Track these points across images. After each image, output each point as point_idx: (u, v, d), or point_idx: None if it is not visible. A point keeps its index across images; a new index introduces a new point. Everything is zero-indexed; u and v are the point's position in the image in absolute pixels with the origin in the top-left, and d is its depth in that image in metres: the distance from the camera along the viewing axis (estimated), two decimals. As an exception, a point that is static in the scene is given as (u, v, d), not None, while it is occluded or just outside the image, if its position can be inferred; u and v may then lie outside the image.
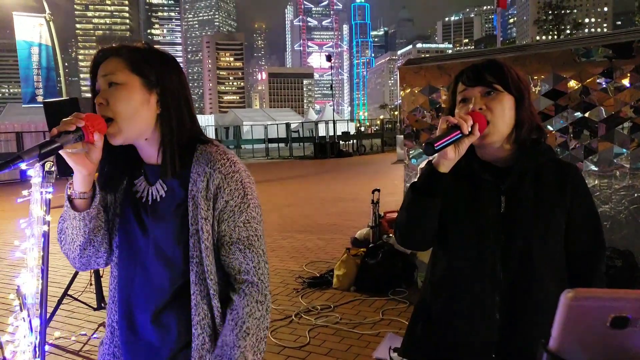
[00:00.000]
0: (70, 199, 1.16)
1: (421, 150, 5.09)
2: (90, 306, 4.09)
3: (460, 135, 1.16)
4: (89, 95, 1.30)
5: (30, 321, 1.02)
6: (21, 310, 1.03)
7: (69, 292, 3.97)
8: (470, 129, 1.17)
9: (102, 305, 3.85)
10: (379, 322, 3.98)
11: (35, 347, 0.98)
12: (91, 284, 4.22)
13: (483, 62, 1.29)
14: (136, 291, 1.22)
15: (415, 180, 1.30)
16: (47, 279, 0.99)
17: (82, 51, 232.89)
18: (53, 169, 1.03)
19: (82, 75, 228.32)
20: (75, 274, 4.01)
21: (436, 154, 1.17)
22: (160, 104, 1.19)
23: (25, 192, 1.03)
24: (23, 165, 0.99)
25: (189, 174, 1.19)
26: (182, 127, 1.20)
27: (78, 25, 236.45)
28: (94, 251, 1.23)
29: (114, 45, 1.18)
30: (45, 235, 1.01)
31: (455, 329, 1.29)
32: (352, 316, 4.12)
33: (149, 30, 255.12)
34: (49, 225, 1.01)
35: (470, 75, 1.26)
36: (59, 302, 3.92)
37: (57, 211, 1.32)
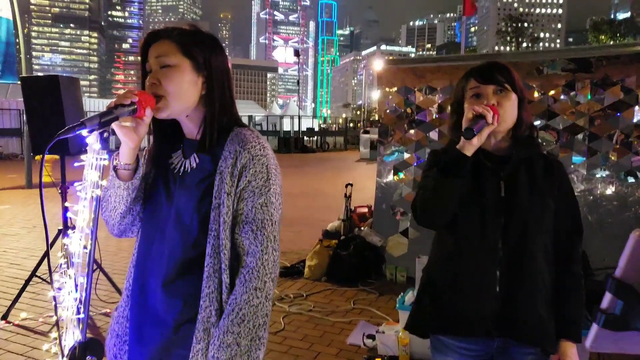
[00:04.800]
0: (115, 170, 1.23)
1: (395, 149, 5.27)
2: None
3: (485, 124, 1.36)
4: (40, 74, 1.32)
5: (75, 279, 1.08)
6: (68, 268, 1.09)
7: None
8: (491, 119, 1.36)
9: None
10: (350, 310, 4.13)
11: (79, 303, 1.05)
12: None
13: (492, 63, 1.48)
14: (152, 257, 1.27)
15: (427, 165, 1.47)
16: (96, 240, 1.06)
17: (35, 28, 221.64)
18: (111, 137, 1.11)
19: (34, 53, 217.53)
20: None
21: (465, 139, 1.36)
22: (206, 85, 1.27)
23: (83, 157, 1.10)
24: (84, 132, 1.06)
25: (222, 151, 1.25)
26: (223, 109, 1.29)
27: (32, 0, 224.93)
28: (132, 220, 1.30)
29: (165, 27, 1.25)
30: (97, 199, 1.08)
31: (460, 301, 1.46)
32: (325, 305, 4.25)
33: (109, 12, 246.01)
34: (101, 190, 1.09)
35: (485, 74, 1.45)
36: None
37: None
